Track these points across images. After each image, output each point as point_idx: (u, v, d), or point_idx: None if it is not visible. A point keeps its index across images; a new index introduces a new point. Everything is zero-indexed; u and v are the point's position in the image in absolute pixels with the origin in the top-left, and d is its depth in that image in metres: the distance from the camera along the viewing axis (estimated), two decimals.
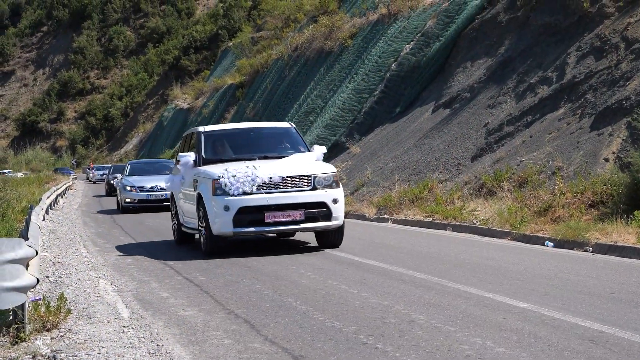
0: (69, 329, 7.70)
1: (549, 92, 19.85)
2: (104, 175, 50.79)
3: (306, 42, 39.24)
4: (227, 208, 12.11)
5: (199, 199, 12.81)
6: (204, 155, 13.61)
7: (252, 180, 12.13)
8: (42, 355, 6.74)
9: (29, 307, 7.57)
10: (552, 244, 12.76)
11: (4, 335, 7.40)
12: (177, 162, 14.97)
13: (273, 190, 12.20)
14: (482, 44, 25.68)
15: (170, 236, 16.59)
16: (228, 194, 12.16)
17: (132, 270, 11.94)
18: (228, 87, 53.23)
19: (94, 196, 39.42)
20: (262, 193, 12.17)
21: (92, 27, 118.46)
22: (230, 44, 67.59)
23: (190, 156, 13.78)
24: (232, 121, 46.08)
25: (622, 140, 15.91)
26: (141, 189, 26.02)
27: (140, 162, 31.82)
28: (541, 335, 6.68)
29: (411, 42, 29.81)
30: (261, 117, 39.85)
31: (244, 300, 8.90)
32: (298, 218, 12.22)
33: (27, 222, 11.72)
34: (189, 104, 67.70)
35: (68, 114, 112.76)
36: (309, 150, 13.67)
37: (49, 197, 26.66)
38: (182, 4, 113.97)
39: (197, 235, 13.82)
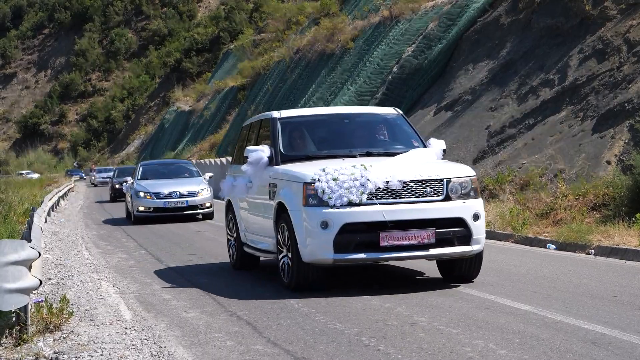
0: (72, 331, 7.71)
1: (551, 94, 19.85)
2: (108, 178, 48.38)
3: (308, 44, 39.27)
4: (325, 225, 8.68)
5: (280, 211, 9.39)
6: (282, 150, 10.07)
7: (362, 185, 8.74)
8: (44, 357, 6.75)
9: (31, 308, 7.58)
10: (554, 247, 12.76)
11: (6, 337, 7.41)
12: (233, 161, 12.24)
13: (390, 201, 8.78)
14: (484, 47, 25.69)
15: (175, 238, 16.58)
16: (327, 205, 8.72)
17: (134, 273, 11.95)
18: (229, 90, 53.26)
19: (96, 202, 35.81)
20: (375, 204, 8.72)
21: (93, 29, 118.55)
22: (232, 46, 67.65)
23: (263, 151, 10.11)
24: (234, 123, 46.07)
25: (624, 142, 15.92)
26: (157, 195, 21.52)
27: (154, 164, 26.77)
28: (543, 338, 6.68)
29: (413, 45, 29.83)
30: None
31: (246, 302, 8.90)
32: (426, 241, 8.70)
33: (30, 224, 11.73)
34: (190, 106, 67.73)
35: (70, 116, 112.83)
36: (424, 145, 10.22)
37: (50, 199, 26.66)
38: (183, 6, 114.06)
39: (267, 258, 10.70)
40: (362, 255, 8.71)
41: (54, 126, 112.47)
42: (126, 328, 7.83)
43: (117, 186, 33.51)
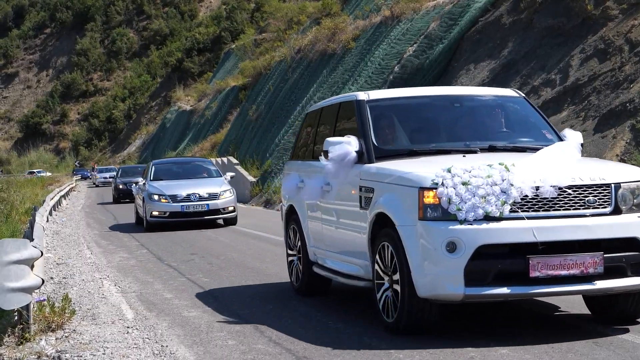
0: (74, 330, 7.73)
1: (553, 94, 19.86)
2: (110, 178, 47.39)
3: (309, 44, 39.28)
4: (453, 247, 6.28)
5: (379, 225, 7.01)
6: (375, 143, 7.59)
7: (503, 192, 6.36)
8: (47, 356, 6.77)
9: (33, 307, 7.59)
10: None
11: (9, 336, 7.43)
12: (292, 156, 9.94)
13: (542, 214, 6.41)
14: (486, 47, 25.70)
15: (176, 237, 16.55)
16: (455, 219, 6.34)
17: (136, 272, 11.97)
18: (231, 89, 53.27)
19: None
20: (522, 218, 6.35)
21: (95, 29, 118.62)
22: (233, 46, 67.67)
23: (350, 144, 7.58)
24: (235, 123, 46.14)
25: (626, 142, 15.93)
26: (174, 198, 18.97)
27: (168, 162, 24.00)
28: (545, 337, 6.68)
29: (414, 45, 29.83)
30: (264, 119, 39.91)
31: (248, 301, 8.91)
32: (591, 270, 6.32)
33: (32, 223, 11.75)
34: (191, 106, 67.75)
35: (71, 115, 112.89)
36: (559, 138, 7.74)
37: (52, 198, 26.69)
38: (185, 6, 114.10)
39: (350, 283, 7.94)
40: (504, 291, 6.29)
41: (56, 126, 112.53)
42: (128, 327, 7.84)
43: (120, 186, 32.61)
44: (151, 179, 20.24)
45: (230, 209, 19.45)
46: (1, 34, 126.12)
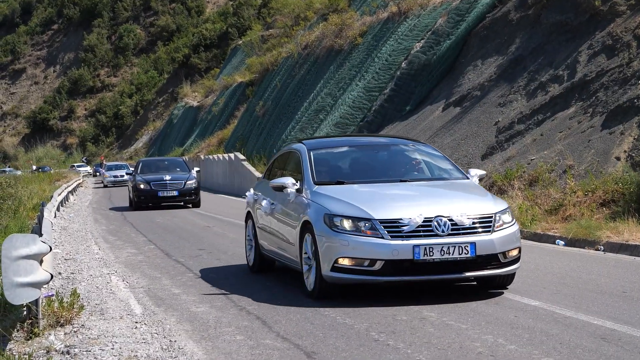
0: (82, 325, 7.75)
1: (560, 90, 19.82)
2: (123, 177, 42.75)
3: (316, 40, 39.26)
4: None
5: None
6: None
7: None
8: (56, 351, 6.79)
9: (42, 302, 7.61)
10: (563, 243, 12.75)
11: (18, 331, 7.45)
12: None
13: None
14: (493, 42, 25.65)
15: (184, 233, 16.47)
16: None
17: (144, 267, 11.99)
18: (238, 85, 53.29)
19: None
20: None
21: (102, 25, 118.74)
22: (240, 42, 67.67)
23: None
24: (242, 119, 46.14)
25: (634, 138, 15.88)
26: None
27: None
28: (553, 333, 6.68)
29: (421, 40, 29.80)
30: (271, 115, 39.91)
31: (255, 297, 8.93)
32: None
33: (40, 218, 11.78)
34: (198, 102, 67.81)
35: (78, 111, 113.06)
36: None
37: (60, 194, 26.75)
38: (192, 2, 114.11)
39: None
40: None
41: (63, 121, 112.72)
42: (136, 322, 7.86)
43: (141, 186, 25.41)
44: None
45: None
46: (9, 30, 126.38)
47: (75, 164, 78.26)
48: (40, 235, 8.26)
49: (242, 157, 35.64)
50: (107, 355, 6.62)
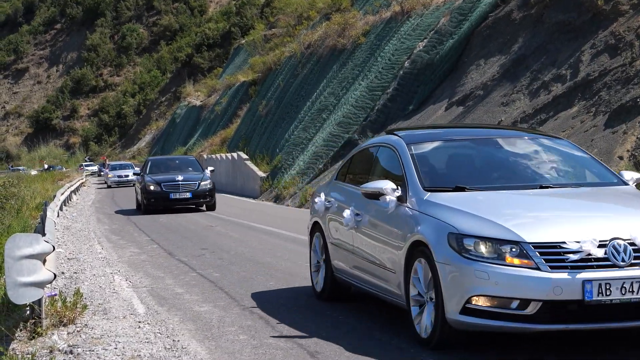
0: (86, 324, 7.76)
1: (563, 89, 19.81)
2: (129, 177, 41.93)
3: (319, 39, 39.26)
4: None
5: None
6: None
7: None
8: (59, 350, 6.80)
9: (45, 302, 7.63)
10: None
11: (21, 330, 7.46)
12: None
13: None
14: (496, 42, 25.64)
15: (187, 232, 16.50)
16: None
17: (147, 267, 12.00)
18: (241, 85, 53.30)
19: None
20: None
21: (105, 24, 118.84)
22: (243, 41, 67.67)
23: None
24: (245, 118, 46.18)
25: (637, 138, 15.88)
26: None
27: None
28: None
29: (424, 40, 29.79)
30: (274, 114, 39.92)
31: (258, 296, 8.94)
32: None
33: (43, 218, 11.79)
34: (201, 101, 67.83)
35: (81, 111, 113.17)
36: None
37: (62, 193, 26.76)
38: (194, 1, 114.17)
39: None
40: None
41: (66, 121, 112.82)
42: (139, 322, 7.87)
43: (151, 187, 23.26)
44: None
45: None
46: (11, 29, 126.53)
47: (83, 164, 78.14)
48: (44, 234, 8.27)
49: (245, 156, 35.66)
50: (110, 354, 6.63)
